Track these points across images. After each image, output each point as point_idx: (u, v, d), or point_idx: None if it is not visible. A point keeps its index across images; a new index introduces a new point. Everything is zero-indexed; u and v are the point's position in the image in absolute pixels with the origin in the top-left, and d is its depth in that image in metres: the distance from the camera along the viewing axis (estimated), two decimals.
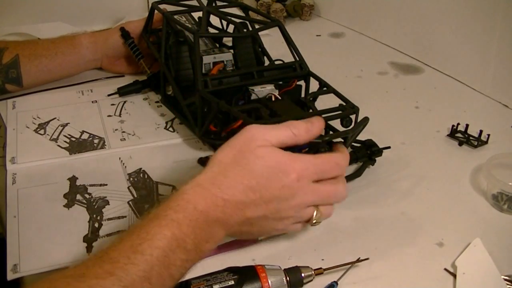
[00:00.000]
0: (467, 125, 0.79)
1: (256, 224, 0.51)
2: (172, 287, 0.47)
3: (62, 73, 0.90)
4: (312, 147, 0.57)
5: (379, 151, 0.70)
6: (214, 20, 0.89)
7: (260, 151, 0.50)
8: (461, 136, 0.78)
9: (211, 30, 0.93)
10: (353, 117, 0.64)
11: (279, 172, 0.50)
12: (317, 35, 1.20)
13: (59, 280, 0.42)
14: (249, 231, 0.52)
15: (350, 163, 0.69)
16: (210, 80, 0.68)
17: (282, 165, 0.50)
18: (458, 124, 0.80)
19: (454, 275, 0.54)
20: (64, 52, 0.88)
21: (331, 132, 0.66)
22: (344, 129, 0.63)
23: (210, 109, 0.67)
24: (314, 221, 0.54)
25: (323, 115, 0.64)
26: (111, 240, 0.47)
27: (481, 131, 0.78)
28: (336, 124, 0.65)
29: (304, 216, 0.53)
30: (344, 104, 0.66)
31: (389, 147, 0.72)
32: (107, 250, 0.44)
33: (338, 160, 0.53)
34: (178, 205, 0.47)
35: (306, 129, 0.53)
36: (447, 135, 0.79)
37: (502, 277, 0.54)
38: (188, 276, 0.49)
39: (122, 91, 0.88)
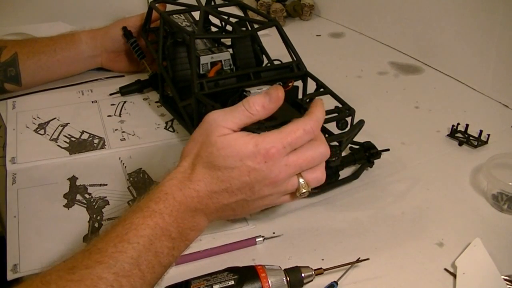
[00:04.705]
0: (467, 125, 0.79)
1: (238, 207, 0.52)
2: (163, 274, 0.48)
3: (61, 71, 0.90)
4: None
5: (377, 154, 0.70)
6: (214, 18, 0.88)
7: (220, 142, 0.49)
8: (461, 136, 0.78)
9: (212, 28, 0.93)
10: (349, 119, 0.64)
11: (243, 159, 0.49)
12: (317, 35, 1.20)
13: (51, 274, 0.44)
14: (233, 213, 0.53)
15: (348, 165, 0.69)
16: (206, 82, 0.68)
17: (245, 151, 0.49)
18: (458, 124, 0.80)
19: (454, 275, 0.54)
20: (63, 48, 0.88)
21: (326, 135, 0.66)
22: (340, 131, 0.63)
23: (206, 111, 0.67)
24: (303, 190, 0.52)
25: None
26: (97, 235, 0.49)
27: (481, 131, 0.78)
28: (332, 126, 0.65)
29: (288, 188, 0.52)
30: (340, 106, 0.65)
31: (388, 150, 0.71)
32: (94, 242, 0.46)
33: (304, 126, 0.51)
34: (158, 197, 0.49)
35: (262, 105, 0.51)
36: (447, 135, 0.79)
37: (502, 277, 0.54)
38: (188, 276, 0.49)
39: (124, 91, 0.88)
